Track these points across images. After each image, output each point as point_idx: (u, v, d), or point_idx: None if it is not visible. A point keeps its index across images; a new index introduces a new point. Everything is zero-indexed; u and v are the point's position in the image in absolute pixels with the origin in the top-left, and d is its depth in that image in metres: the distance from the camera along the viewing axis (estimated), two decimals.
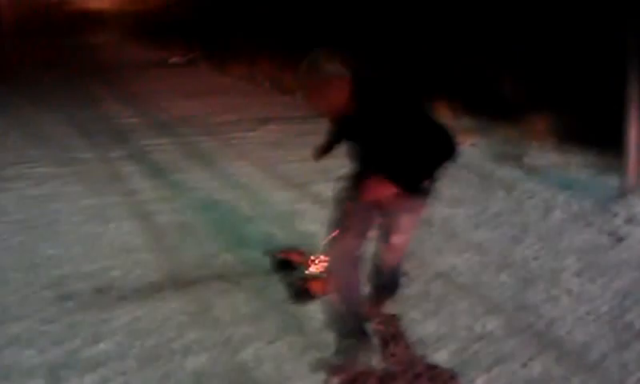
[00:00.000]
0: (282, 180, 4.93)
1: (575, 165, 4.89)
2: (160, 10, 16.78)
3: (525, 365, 2.47)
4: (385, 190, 2.19)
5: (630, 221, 3.82)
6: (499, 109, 5.65)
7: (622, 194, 4.09)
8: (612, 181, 4.32)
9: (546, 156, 5.08)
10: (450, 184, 4.58)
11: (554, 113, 5.27)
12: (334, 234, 2.44)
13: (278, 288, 3.14)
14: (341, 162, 2.52)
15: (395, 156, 2.18)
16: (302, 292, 3.03)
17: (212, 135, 6.53)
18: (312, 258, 3.19)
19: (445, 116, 5.99)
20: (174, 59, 12.80)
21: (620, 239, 3.63)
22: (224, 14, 12.46)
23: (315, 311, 2.88)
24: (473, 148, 5.43)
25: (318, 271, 3.12)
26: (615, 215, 3.90)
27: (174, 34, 14.28)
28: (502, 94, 5.70)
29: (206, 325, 2.84)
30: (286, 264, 3.30)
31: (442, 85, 6.32)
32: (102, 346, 2.68)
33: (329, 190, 3.90)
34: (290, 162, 5.36)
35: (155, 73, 11.76)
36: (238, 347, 2.65)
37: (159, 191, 4.74)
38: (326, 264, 2.75)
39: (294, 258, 3.31)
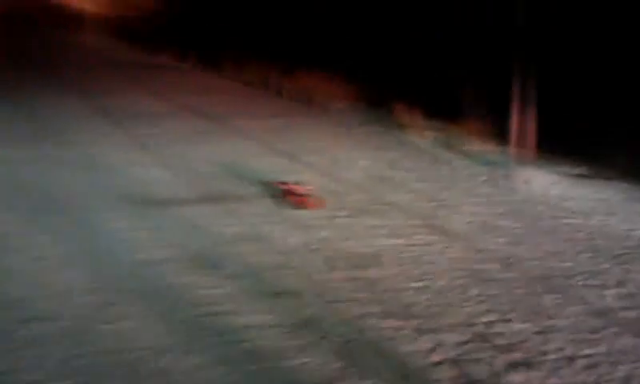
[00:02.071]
0: (279, 153, 6.89)
1: (494, 151, 6.99)
2: (149, 13, 18.24)
3: None
4: None
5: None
6: (451, 114, 7.79)
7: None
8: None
9: (477, 145, 7.21)
10: (409, 159, 6.72)
11: (486, 116, 7.44)
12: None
13: (281, 203, 5.14)
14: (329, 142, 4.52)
15: None
16: (295, 204, 5.07)
17: (216, 121, 8.49)
18: (298, 186, 5.23)
19: (406, 118, 8.14)
20: (169, 61, 14.64)
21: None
22: (216, 20, 14.39)
23: (303, 215, 4.90)
24: (431, 140, 7.54)
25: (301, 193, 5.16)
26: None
27: (164, 37, 16.03)
28: (453, 102, 7.83)
29: (234, 219, 4.83)
30: (286, 190, 5.29)
31: (403, 92, 8.50)
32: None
33: (320, 161, 5.93)
34: (286, 143, 7.33)
35: (153, 74, 13.62)
36: (258, 223, 4.65)
37: (176, 154, 6.66)
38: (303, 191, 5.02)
39: (291, 188, 5.31)
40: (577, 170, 6.18)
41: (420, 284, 3.78)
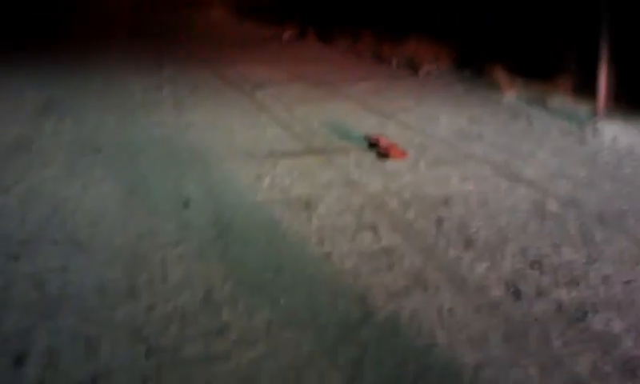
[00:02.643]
0: (374, 112, 7.53)
1: (573, 106, 7.32)
2: None
3: None
4: None
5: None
6: (536, 72, 8.13)
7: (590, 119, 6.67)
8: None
9: (558, 101, 7.54)
10: (491, 115, 7.18)
11: (569, 72, 7.73)
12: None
13: (370, 154, 5.80)
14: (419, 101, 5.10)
15: None
16: (381, 155, 5.71)
17: (323, 86, 9.23)
18: (385, 139, 5.89)
19: (493, 76, 8.53)
20: (287, 34, 15.54)
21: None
22: None
23: (387, 164, 5.53)
24: (514, 96, 7.94)
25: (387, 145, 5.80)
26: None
27: (282, 11, 16.99)
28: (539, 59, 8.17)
29: (330, 167, 5.53)
30: (375, 143, 5.94)
31: (492, 52, 8.89)
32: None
33: (408, 117, 6.50)
34: (384, 103, 7.96)
35: (271, 46, 14.53)
36: (349, 170, 5.33)
37: (293, 115, 7.43)
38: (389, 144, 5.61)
39: (380, 140, 5.95)
40: None
41: (482, 222, 4.34)
